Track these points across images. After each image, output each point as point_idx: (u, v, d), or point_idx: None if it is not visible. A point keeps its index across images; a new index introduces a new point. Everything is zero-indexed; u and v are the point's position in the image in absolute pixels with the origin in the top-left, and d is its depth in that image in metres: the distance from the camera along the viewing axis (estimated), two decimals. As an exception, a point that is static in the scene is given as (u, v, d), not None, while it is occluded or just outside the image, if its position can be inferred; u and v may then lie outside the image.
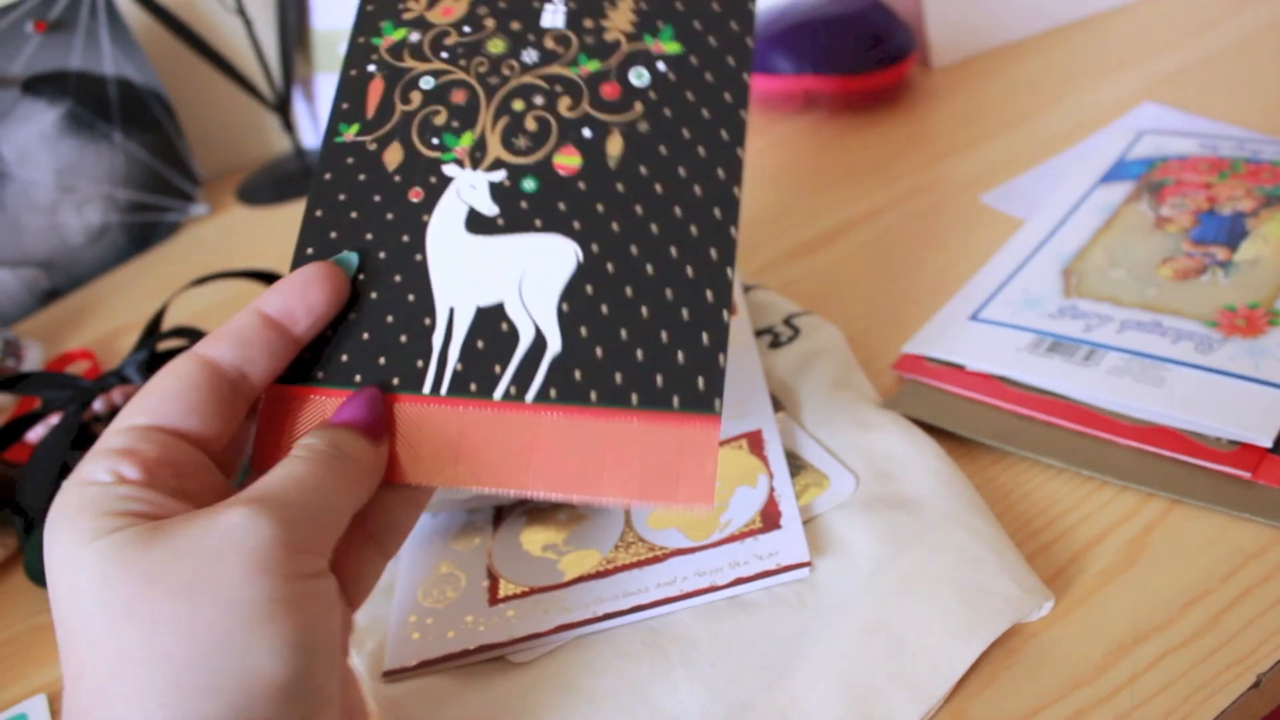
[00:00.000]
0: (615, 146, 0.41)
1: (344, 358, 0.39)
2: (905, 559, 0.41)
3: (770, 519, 0.44)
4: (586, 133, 0.41)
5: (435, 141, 0.42)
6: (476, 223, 0.40)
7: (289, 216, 0.89)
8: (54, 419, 0.61)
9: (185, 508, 0.32)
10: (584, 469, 0.36)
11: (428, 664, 0.43)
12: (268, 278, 0.71)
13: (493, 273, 0.39)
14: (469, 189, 0.41)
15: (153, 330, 0.64)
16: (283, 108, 0.93)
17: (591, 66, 0.42)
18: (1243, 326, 0.49)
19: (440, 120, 0.42)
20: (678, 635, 0.41)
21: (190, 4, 0.91)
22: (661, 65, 0.42)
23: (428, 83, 0.43)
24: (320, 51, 0.94)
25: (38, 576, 0.53)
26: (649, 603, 0.42)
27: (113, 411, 0.63)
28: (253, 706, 0.29)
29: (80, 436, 0.62)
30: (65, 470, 0.58)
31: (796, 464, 0.47)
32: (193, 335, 0.65)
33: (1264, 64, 0.73)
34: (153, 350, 0.63)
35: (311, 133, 0.97)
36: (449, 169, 0.41)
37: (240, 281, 0.73)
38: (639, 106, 0.41)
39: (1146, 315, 0.51)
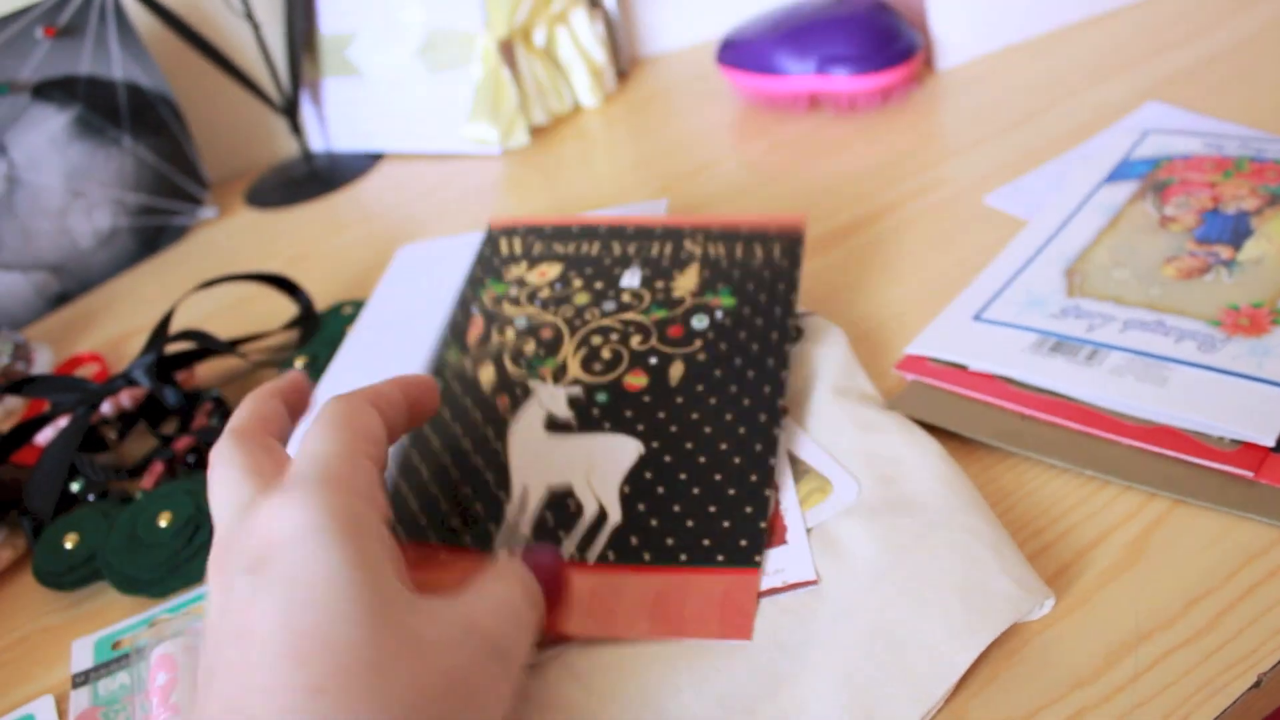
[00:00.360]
0: (677, 371, 0.49)
1: (421, 520, 0.46)
2: (907, 563, 0.41)
3: (777, 534, 0.44)
4: (653, 360, 0.50)
5: (524, 364, 0.51)
6: (554, 425, 0.48)
7: (297, 219, 0.89)
8: (62, 421, 0.62)
9: None
10: (631, 613, 0.41)
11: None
12: (274, 280, 0.71)
13: (565, 462, 0.47)
14: (549, 398, 0.49)
15: (160, 333, 0.65)
16: (291, 111, 0.94)
17: (660, 314, 0.52)
18: (1246, 326, 0.49)
19: (529, 349, 0.52)
20: (684, 642, 0.41)
21: (198, 8, 0.92)
22: (719, 314, 0.51)
23: (521, 323, 0.53)
24: (327, 55, 0.94)
25: (46, 578, 0.53)
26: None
27: (121, 415, 0.64)
28: None
29: (88, 439, 0.62)
30: (73, 472, 0.58)
31: (800, 469, 0.47)
32: (200, 338, 0.65)
33: (1269, 62, 0.73)
34: (160, 353, 0.63)
35: (319, 136, 0.98)
36: (533, 384, 0.50)
37: (247, 284, 0.73)
38: (698, 343, 0.50)
39: (1150, 315, 0.51)
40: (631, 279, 0.55)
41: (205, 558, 0.52)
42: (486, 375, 0.52)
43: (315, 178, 0.94)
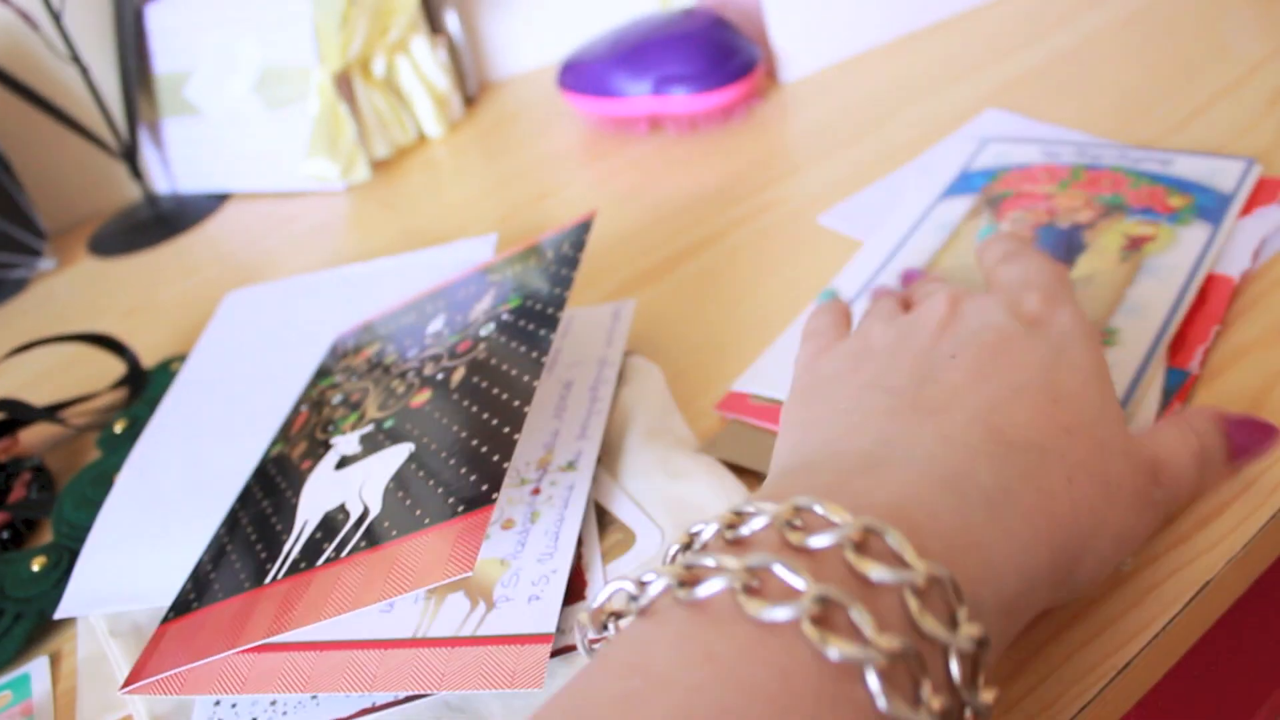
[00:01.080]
0: (458, 375, 0.49)
1: (216, 585, 0.45)
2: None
3: (577, 589, 0.42)
4: (439, 376, 0.50)
5: (331, 429, 0.52)
6: (343, 463, 0.48)
7: (142, 265, 0.86)
8: None
9: None
10: (369, 586, 0.39)
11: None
12: (98, 340, 0.68)
13: (343, 486, 0.46)
14: (344, 444, 0.49)
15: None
16: (130, 155, 0.91)
17: (454, 339, 0.52)
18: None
19: (337, 415, 0.53)
20: (474, 711, 0.40)
21: (21, 54, 0.88)
22: (505, 316, 0.51)
23: (337, 399, 0.54)
24: (165, 95, 0.91)
25: None
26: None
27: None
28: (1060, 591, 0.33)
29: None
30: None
31: (605, 520, 0.45)
32: (11, 407, 0.62)
33: (1104, 66, 0.73)
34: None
35: (162, 178, 0.95)
36: (334, 440, 0.50)
37: (75, 343, 0.70)
38: (482, 346, 0.50)
39: None
40: (436, 324, 0.55)
41: (9, 644, 0.50)
42: (299, 450, 0.52)
43: (160, 221, 0.91)
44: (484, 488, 0.40)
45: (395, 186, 0.85)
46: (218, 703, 0.43)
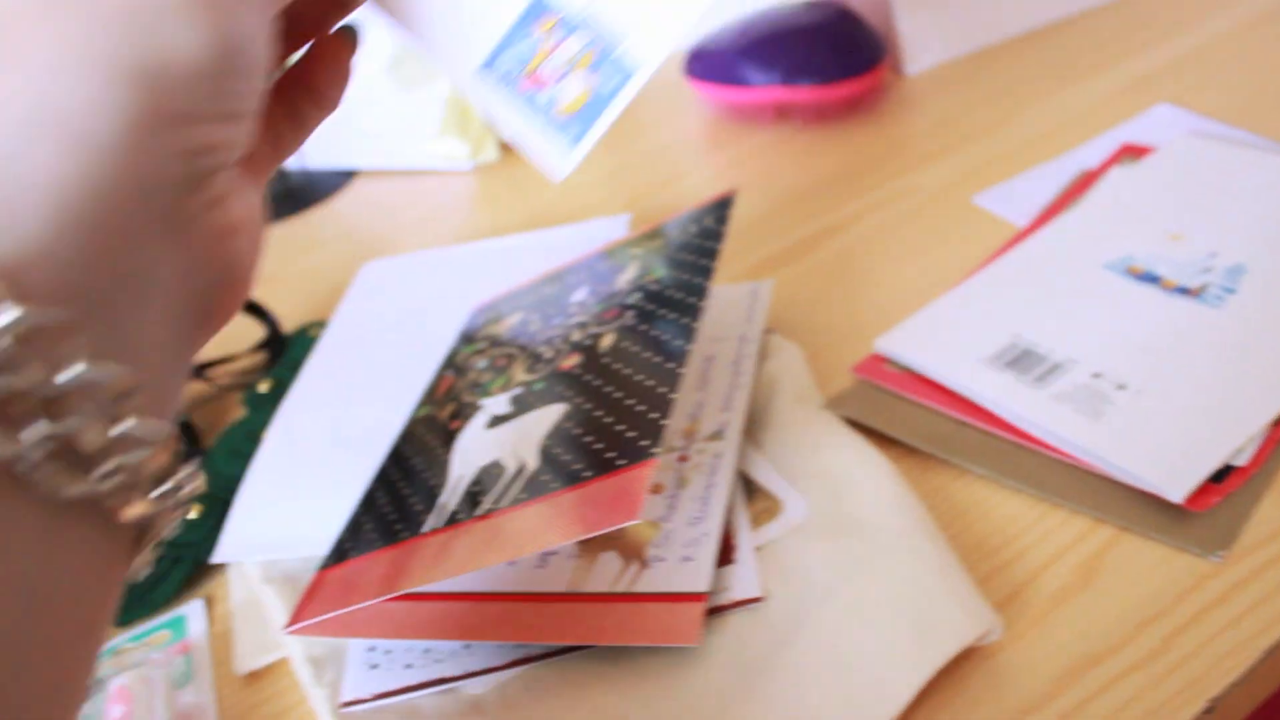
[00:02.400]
0: (608, 340, 0.49)
1: (373, 535, 0.47)
2: (853, 586, 0.40)
3: (726, 552, 0.43)
4: (587, 342, 0.51)
5: (478, 391, 0.53)
6: (495, 422, 0.49)
7: (274, 237, 0.86)
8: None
9: None
10: (535, 533, 0.40)
11: (385, 695, 0.43)
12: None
13: (496, 443, 0.47)
14: (493, 405, 0.51)
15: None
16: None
17: (601, 307, 0.53)
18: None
19: (484, 380, 0.54)
20: (628, 665, 0.41)
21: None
22: (651, 286, 0.52)
23: (482, 364, 0.56)
24: (298, 72, 0.94)
25: None
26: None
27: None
28: (151, 76, 0.27)
29: None
30: None
31: (752, 488, 0.46)
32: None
33: (1253, 59, 0.72)
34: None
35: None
36: (482, 401, 0.52)
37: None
38: (630, 314, 0.50)
39: None
40: (580, 294, 0.56)
41: (167, 587, 0.52)
42: (447, 411, 0.53)
43: (290, 196, 0.94)
44: (644, 443, 0.41)
45: (521, 168, 0.87)
46: (372, 648, 0.45)
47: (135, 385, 0.26)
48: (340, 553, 0.47)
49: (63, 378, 0.24)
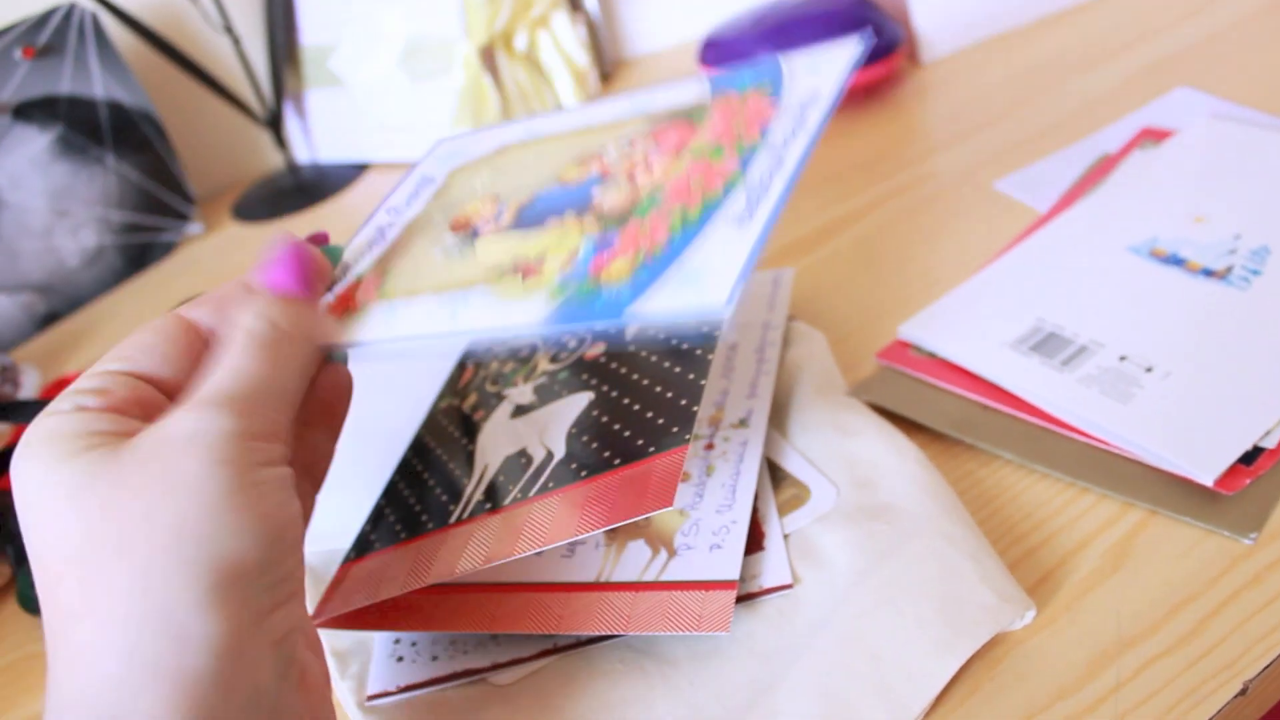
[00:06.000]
0: (633, 329, 0.49)
1: (397, 527, 0.46)
2: (884, 571, 0.40)
3: (754, 540, 0.43)
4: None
5: (502, 382, 0.53)
6: (519, 411, 0.49)
7: (284, 231, 0.89)
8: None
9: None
10: (564, 522, 0.40)
11: (411, 688, 0.43)
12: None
13: (522, 432, 0.47)
14: (518, 395, 0.50)
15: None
16: (274, 124, 0.93)
17: None
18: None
19: (507, 369, 0.53)
20: (657, 655, 0.41)
21: (178, 24, 0.91)
22: None
23: (505, 353, 0.56)
24: (310, 67, 0.94)
25: (31, 604, 0.53)
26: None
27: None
28: (226, 589, 0.29)
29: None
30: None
31: (779, 476, 0.46)
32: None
33: (1272, 41, 0.72)
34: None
35: (305, 148, 0.97)
36: (506, 391, 0.51)
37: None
38: None
39: None
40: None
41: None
42: (470, 402, 0.53)
43: (301, 190, 0.94)
44: (675, 429, 0.41)
45: (534, 159, 0.87)
46: (397, 641, 0.45)
47: None
48: (364, 545, 0.47)
49: None
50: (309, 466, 0.39)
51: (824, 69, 0.40)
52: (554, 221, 0.39)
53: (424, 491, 0.48)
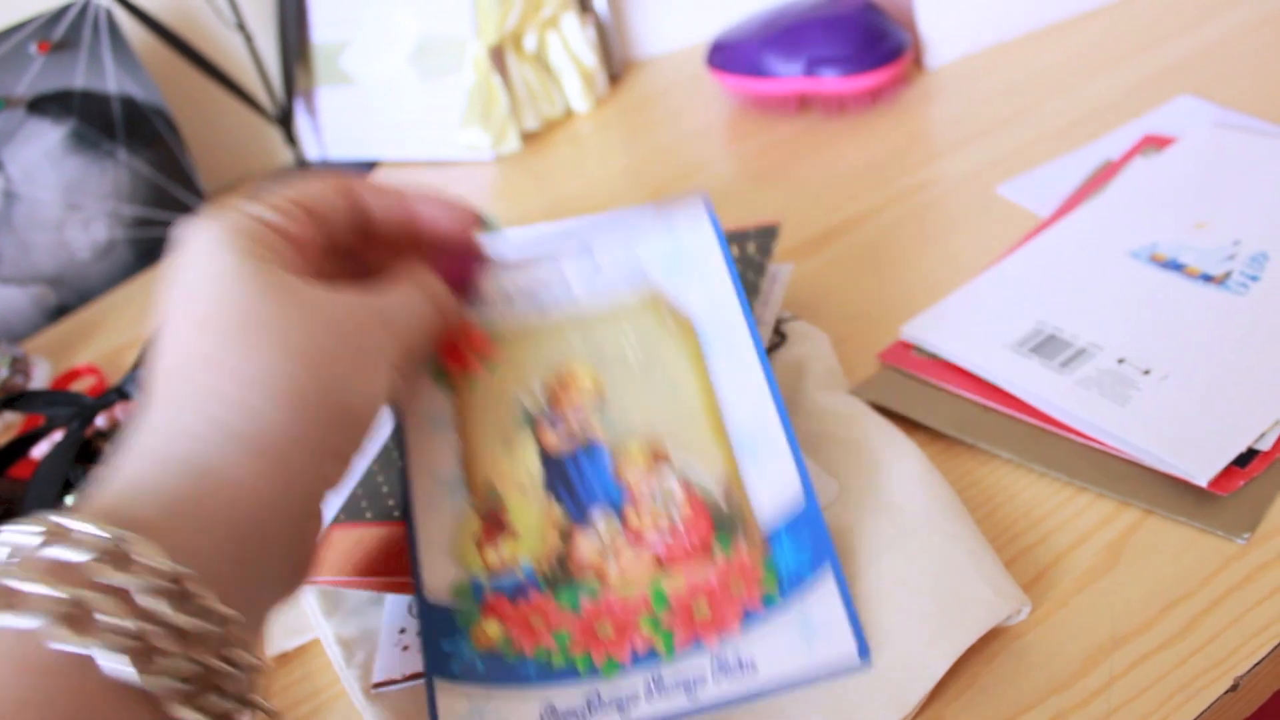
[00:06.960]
0: None
1: (385, 491, 0.48)
2: (883, 565, 0.41)
3: None
4: None
5: None
6: None
7: (293, 229, 0.89)
8: (58, 435, 0.62)
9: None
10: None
11: (417, 675, 0.43)
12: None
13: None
14: None
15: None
16: (285, 121, 0.94)
17: None
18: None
19: None
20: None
21: (191, 21, 0.92)
22: None
23: None
24: (321, 64, 0.94)
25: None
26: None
27: (114, 426, 0.64)
28: (338, 428, 0.35)
29: (84, 453, 0.63)
30: (69, 486, 0.59)
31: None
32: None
33: (1274, 50, 0.72)
34: (152, 367, 0.63)
35: (315, 145, 0.98)
36: None
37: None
38: None
39: None
40: None
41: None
42: None
43: (311, 186, 0.94)
44: None
45: (543, 158, 0.87)
46: (403, 629, 0.45)
47: (263, 667, 0.31)
48: (355, 510, 0.47)
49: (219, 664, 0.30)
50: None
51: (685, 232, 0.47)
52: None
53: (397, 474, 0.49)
